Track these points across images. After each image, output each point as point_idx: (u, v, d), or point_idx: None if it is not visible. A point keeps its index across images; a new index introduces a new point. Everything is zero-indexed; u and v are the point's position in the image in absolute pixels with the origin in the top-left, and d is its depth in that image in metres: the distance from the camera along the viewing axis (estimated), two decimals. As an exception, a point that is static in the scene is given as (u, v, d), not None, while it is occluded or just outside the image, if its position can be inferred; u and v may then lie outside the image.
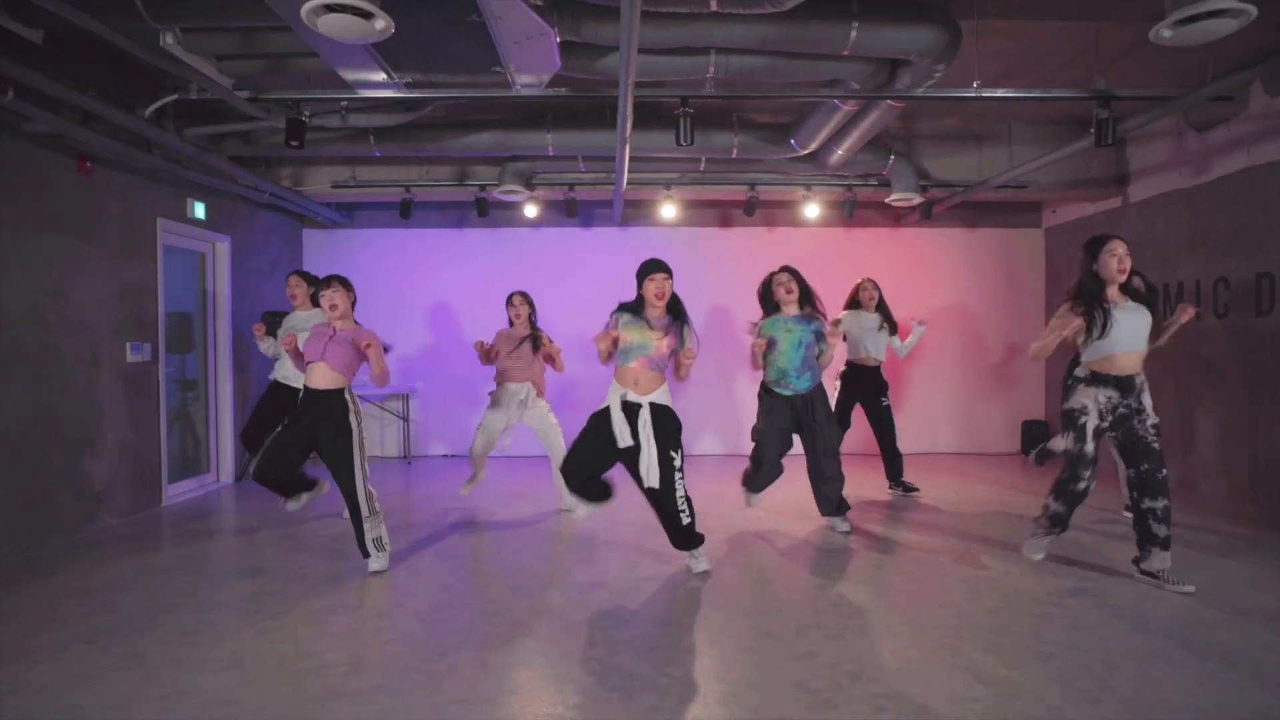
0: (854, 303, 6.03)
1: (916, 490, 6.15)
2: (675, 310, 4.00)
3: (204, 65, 4.32)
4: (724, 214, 8.48)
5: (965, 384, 8.56)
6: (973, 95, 4.75)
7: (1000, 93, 4.79)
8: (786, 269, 4.84)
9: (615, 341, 3.91)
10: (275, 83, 4.84)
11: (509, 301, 5.42)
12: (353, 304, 4.22)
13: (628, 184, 6.86)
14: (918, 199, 7.03)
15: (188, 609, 3.60)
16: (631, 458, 3.89)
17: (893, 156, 6.88)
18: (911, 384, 8.53)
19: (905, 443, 8.46)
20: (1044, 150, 6.40)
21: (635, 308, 4.01)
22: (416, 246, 8.39)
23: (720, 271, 8.25)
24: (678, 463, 3.91)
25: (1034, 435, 8.31)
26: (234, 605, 3.67)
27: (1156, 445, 3.72)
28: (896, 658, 3.02)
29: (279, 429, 4.59)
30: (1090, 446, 3.79)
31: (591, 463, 3.96)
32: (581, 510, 4.13)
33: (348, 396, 4.07)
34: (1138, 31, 4.91)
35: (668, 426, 3.91)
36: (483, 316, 8.08)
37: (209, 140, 5.82)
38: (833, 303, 8.43)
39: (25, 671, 2.93)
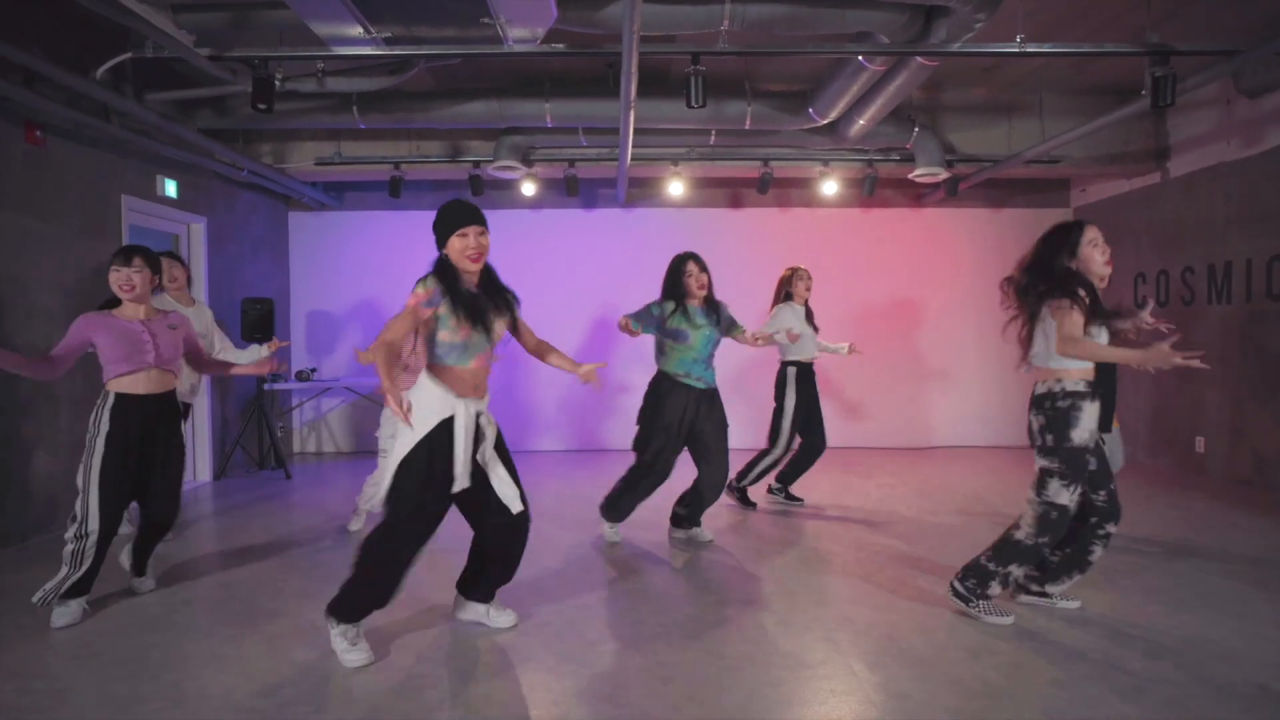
0: (786, 295, 5.15)
1: (800, 502, 5.33)
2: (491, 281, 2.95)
3: (157, 17, 3.86)
4: (735, 194, 8.01)
5: (991, 374, 8.06)
6: (1016, 50, 4.27)
7: (1048, 48, 4.32)
8: (694, 257, 4.18)
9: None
10: (241, 39, 4.36)
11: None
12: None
13: (632, 159, 6.39)
14: (943, 174, 6.56)
15: (132, 632, 3.14)
16: (468, 495, 2.84)
17: (917, 129, 6.41)
18: (933, 376, 8.06)
19: (929, 437, 8.09)
20: (1077, 123, 5.92)
21: (446, 280, 2.79)
22: (409, 230, 7.92)
23: (731, 255, 7.73)
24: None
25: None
26: (187, 625, 3.22)
27: None
28: (958, 695, 2.56)
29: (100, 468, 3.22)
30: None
31: (427, 530, 2.82)
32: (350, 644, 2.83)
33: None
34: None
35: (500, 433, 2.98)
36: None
37: (175, 109, 5.36)
38: (850, 289, 7.97)
39: (-70, 711, 2.50)
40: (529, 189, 7.16)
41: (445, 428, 2.72)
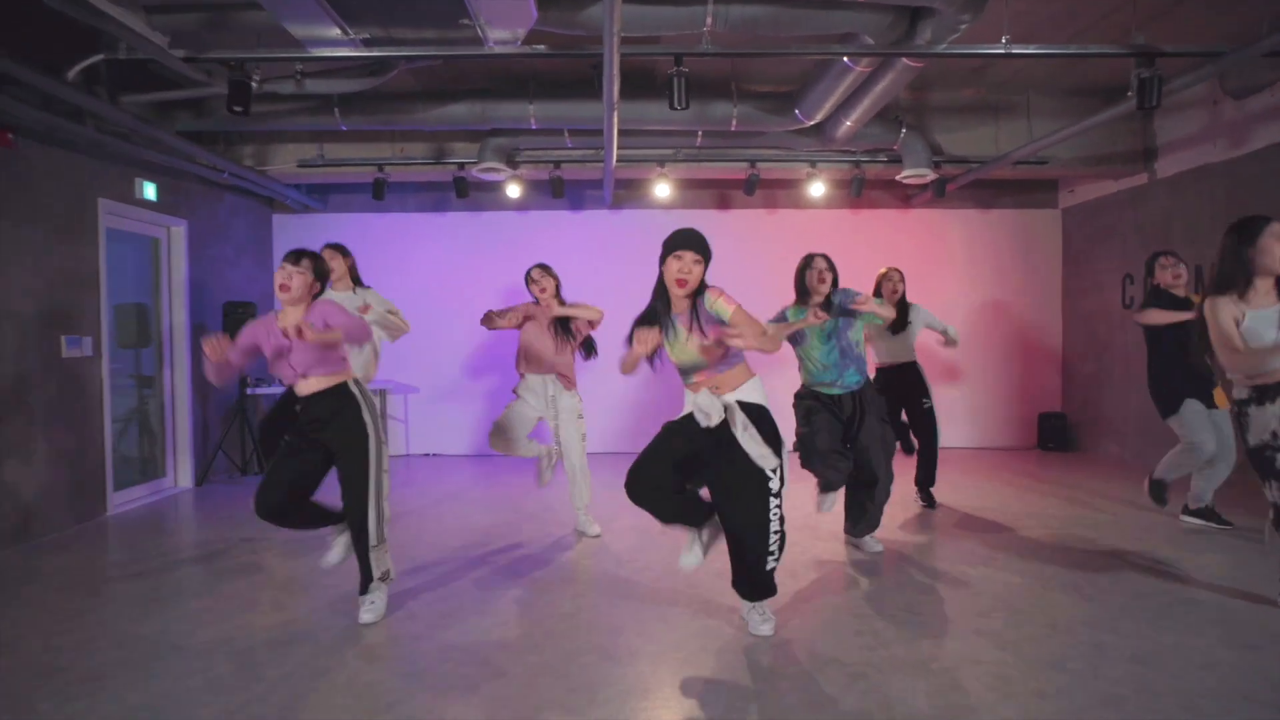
0: (875, 295, 5.16)
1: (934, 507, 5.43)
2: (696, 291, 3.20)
3: (130, 18, 3.79)
4: (722, 195, 7.97)
5: (977, 375, 8.05)
6: (1002, 52, 4.25)
7: (1033, 49, 4.29)
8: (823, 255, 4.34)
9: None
10: (217, 41, 4.29)
11: (528, 278, 4.58)
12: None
13: (618, 161, 6.33)
14: (931, 175, 6.53)
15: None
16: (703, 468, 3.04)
17: (904, 130, 6.38)
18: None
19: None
20: (1064, 124, 5.90)
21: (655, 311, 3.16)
22: (394, 232, 7.86)
23: (719, 256, 7.70)
24: (774, 485, 2.92)
25: (1051, 429, 7.83)
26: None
27: None
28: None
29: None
30: None
31: (662, 475, 3.00)
32: (691, 558, 3.11)
33: (353, 389, 3.28)
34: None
35: (761, 431, 2.94)
36: (464, 305, 7.55)
37: (152, 111, 5.29)
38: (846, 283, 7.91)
39: None
40: (514, 191, 7.11)
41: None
